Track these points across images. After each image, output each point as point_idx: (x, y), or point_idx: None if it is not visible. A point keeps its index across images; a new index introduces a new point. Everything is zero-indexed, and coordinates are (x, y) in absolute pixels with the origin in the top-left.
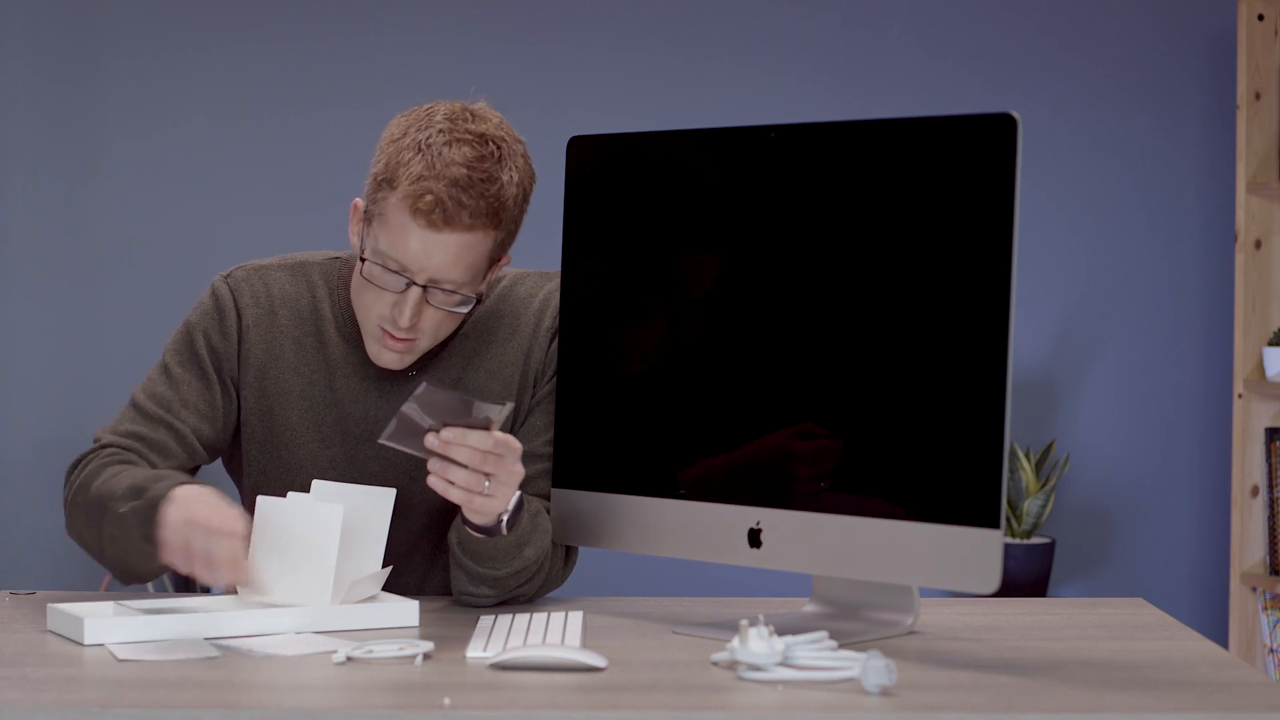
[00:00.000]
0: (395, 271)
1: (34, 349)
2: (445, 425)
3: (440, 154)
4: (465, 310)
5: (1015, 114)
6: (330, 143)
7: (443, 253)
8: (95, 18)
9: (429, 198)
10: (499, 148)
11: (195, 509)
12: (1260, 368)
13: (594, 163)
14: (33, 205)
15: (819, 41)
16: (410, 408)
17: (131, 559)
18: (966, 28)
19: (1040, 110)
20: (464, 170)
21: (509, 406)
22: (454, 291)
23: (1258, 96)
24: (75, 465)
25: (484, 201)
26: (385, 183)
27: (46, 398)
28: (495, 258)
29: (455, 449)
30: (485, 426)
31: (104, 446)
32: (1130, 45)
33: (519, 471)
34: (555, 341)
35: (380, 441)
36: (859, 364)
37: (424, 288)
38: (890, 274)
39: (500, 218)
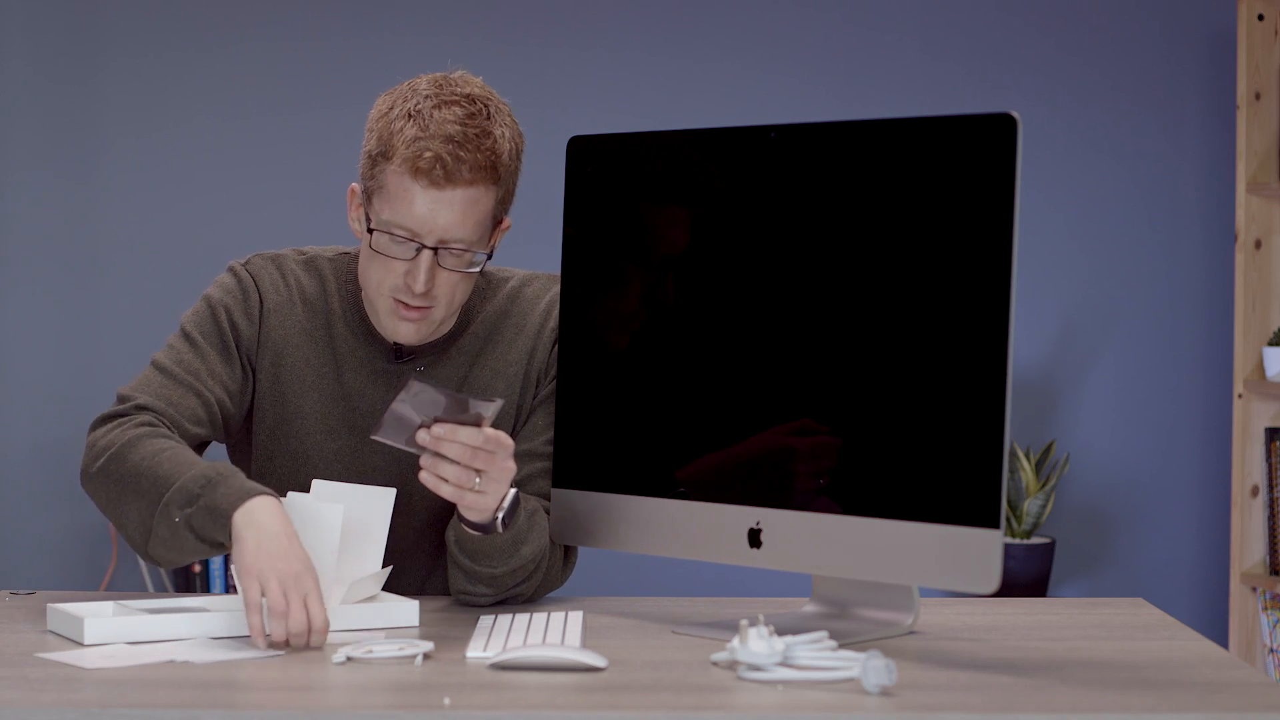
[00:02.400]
0: (404, 239)
1: (34, 349)
2: (436, 421)
3: (431, 116)
4: (476, 270)
5: (1015, 114)
6: (330, 143)
7: (449, 211)
8: (95, 18)
9: (429, 154)
10: (486, 106)
11: (282, 555)
12: (1260, 368)
13: (594, 163)
14: (33, 205)
15: (819, 41)
16: (401, 404)
17: (178, 558)
18: (966, 29)
19: (1040, 110)
20: (458, 127)
21: (499, 403)
22: (464, 251)
23: (1258, 96)
24: (106, 420)
25: (481, 155)
26: (380, 156)
27: (46, 398)
28: (498, 217)
29: (446, 445)
30: (476, 423)
31: (140, 408)
32: (1130, 45)
33: (510, 468)
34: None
35: (372, 438)
36: (859, 365)
37: (435, 250)
38: (890, 274)
39: (499, 172)
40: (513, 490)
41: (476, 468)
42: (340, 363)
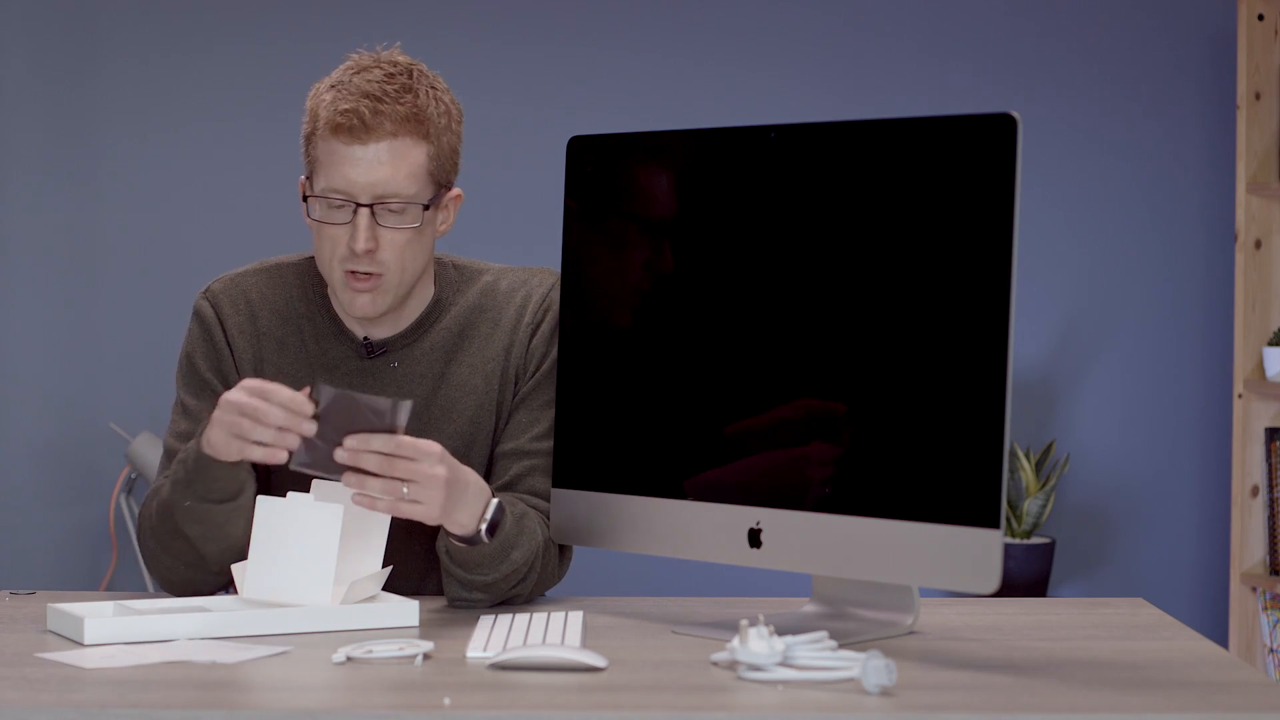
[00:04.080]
0: (340, 202)
1: (34, 349)
2: (349, 434)
3: (351, 81)
4: (417, 226)
5: (1015, 114)
6: None
7: (376, 165)
8: (95, 18)
9: (346, 108)
10: (410, 70)
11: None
12: (1260, 368)
13: (594, 163)
14: (33, 206)
15: (819, 41)
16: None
17: (222, 529)
18: (966, 28)
19: (1040, 110)
20: (376, 85)
21: (409, 404)
22: (402, 206)
23: (1258, 96)
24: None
25: (401, 108)
26: (311, 133)
27: (46, 398)
28: (439, 179)
29: (365, 458)
30: (391, 428)
31: (150, 499)
32: (1130, 45)
33: (437, 474)
34: (535, 338)
35: (291, 468)
36: (860, 364)
37: (370, 207)
38: (891, 274)
39: (425, 126)
40: (495, 500)
41: (399, 477)
42: (313, 366)
